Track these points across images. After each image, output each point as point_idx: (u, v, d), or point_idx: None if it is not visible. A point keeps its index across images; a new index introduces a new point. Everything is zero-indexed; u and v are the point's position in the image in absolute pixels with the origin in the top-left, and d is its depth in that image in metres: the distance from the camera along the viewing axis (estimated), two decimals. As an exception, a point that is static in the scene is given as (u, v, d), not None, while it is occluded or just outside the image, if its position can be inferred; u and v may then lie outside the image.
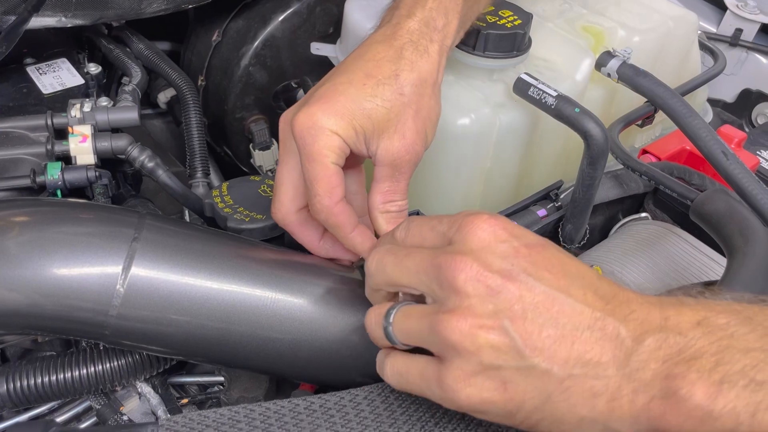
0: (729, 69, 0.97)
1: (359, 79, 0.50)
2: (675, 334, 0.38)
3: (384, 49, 0.52)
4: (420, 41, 0.53)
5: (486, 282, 0.40)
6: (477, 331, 0.39)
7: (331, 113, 0.49)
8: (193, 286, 0.50)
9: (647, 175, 0.67)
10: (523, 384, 0.39)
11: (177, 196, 0.68)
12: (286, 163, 0.53)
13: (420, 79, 0.52)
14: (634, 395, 0.37)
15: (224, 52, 1.01)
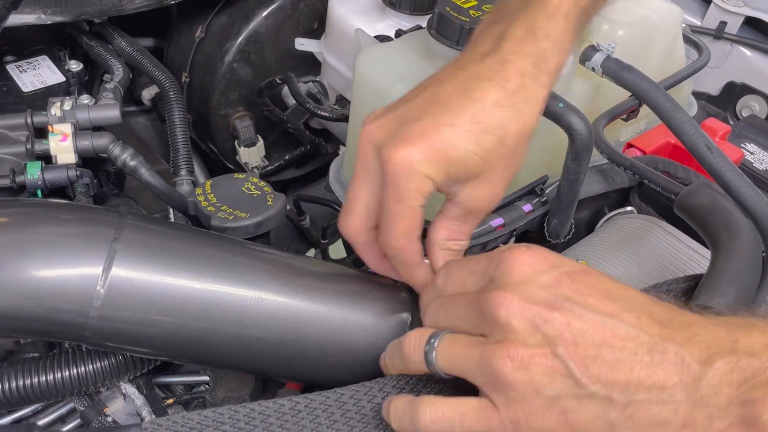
0: (713, 62, 0.98)
1: (464, 124, 0.45)
2: (748, 356, 0.35)
3: (494, 91, 0.46)
4: (531, 86, 0.48)
5: (530, 314, 0.38)
6: (529, 360, 0.37)
7: (431, 158, 0.45)
8: (176, 286, 0.49)
9: (632, 169, 0.67)
10: (585, 413, 0.37)
11: (160, 195, 0.68)
12: (364, 183, 0.48)
13: (523, 131, 0.48)
14: (710, 422, 0.35)
15: (208, 48, 1.00)
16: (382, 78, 0.66)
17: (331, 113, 0.93)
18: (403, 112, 0.48)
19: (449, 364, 0.42)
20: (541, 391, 0.37)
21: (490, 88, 0.46)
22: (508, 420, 0.38)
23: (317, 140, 1.08)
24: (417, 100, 0.48)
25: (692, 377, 0.36)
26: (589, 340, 0.37)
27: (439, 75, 0.50)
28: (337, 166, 0.78)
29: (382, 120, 0.48)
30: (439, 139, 0.45)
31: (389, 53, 0.68)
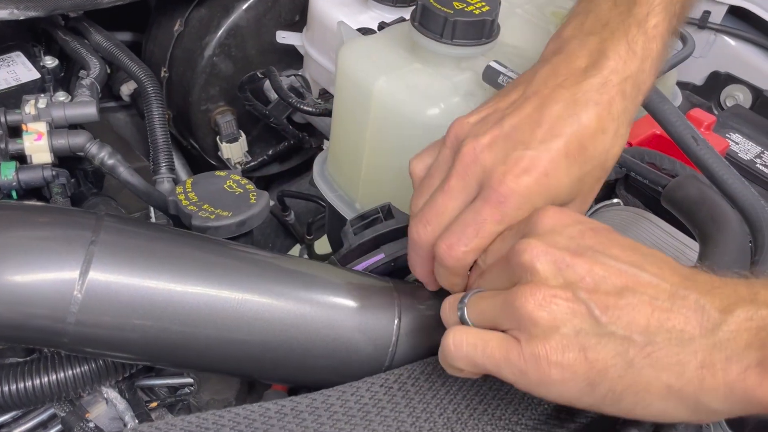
0: (697, 52, 0.97)
1: (573, 152, 0.45)
2: (766, 308, 0.36)
3: (601, 116, 0.46)
4: (630, 108, 0.48)
5: (553, 258, 0.40)
6: (551, 299, 0.39)
7: (543, 189, 0.45)
8: (156, 289, 0.48)
9: (619, 162, 0.67)
10: (604, 350, 0.38)
11: (140, 194, 0.66)
12: (456, 198, 0.47)
13: (621, 150, 0.49)
14: (727, 364, 0.36)
15: (187, 42, 0.98)
16: (366, 72, 0.64)
17: (314, 108, 0.91)
18: (510, 130, 0.46)
19: (479, 315, 0.43)
20: (561, 328, 0.38)
21: (597, 113, 0.46)
22: (528, 353, 0.39)
23: (301, 135, 1.07)
24: (522, 116, 0.46)
25: (712, 323, 0.37)
26: (611, 285, 0.38)
27: (537, 86, 0.48)
28: (321, 162, 0.77)
29: (487, 137, 0.46)
30: (553, 170, 0.45)
31: (372, 46, 0.67)
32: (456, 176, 0.46)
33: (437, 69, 0.63)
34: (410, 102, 0.61)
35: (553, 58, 0.50)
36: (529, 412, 0.48)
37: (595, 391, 0.38)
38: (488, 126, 0.47)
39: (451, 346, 0.42)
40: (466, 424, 0.46)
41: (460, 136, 0.48)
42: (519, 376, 0.40)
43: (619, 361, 0.37)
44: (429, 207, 0.48)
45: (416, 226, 0.48)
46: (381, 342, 0.53)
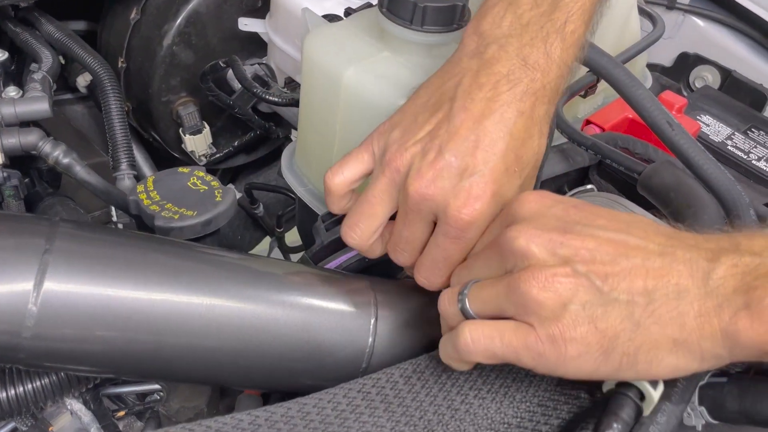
0: (666, 33, 0.96)
1: (512, 165, 0.48)
2: (750, 254, 0.38)
3: (528, 124, 0.48)
4: (551, 110, 0.50)
5: (545, 240, 0.41)
6: (553, 279, 0.40)
7: (494, 206, 0.47)
8: (118, 297, 0.45)
9: (594, 149, 0.66)
10: (611, 317, 0.39)
11: (98, 194, 0.63)
12: (419, 228, 0.49)
13: (545, 147, 0.51)
14: (719, 310, 0.37)
15: (144, 30, 0.94)
16: (334, 60, 0.62)
17: (280, 98, 0.89)
18: (451, 159, 0.47)
19: (482, 305, 0.44)
20: (568, 305, 0.39)
21: (524, 122, 0.48)
22: (544, 336, 0.40)
23: (267, 125, 1.04)
24: (459, 140, 0.47)
25: (702, 272, 0.38)
26: (604, 254, 0.40)
27: (463, 101, 0.48)
28: (290, 155, 0.75)
29: (431, 171, 0.47)
30: (498, 188, 0.47)
31: (339, 34, 0.64)
32: (411, 212, 0.48)
33: (407, 57, 0.61)
34: (381, 92, 0.59)
35: (473, 62, 0.50)
36: (512, 410, 0.47)
37: (610, 359, 0.40)
38: (429, 158, 0.47)
39: (469, 341, 0.43)
40: (448, 426, 0.45)
41: (401, 169, 0.48)
42: (538, 360, 0.41)
43: (627, 324, 0.39)
44: (399, 237, 0.50)
45: (395, 253, 0.51)
46: (357, 343, 0.51)
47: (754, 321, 0.36)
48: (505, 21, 0.50)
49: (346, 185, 0.52)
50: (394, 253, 0.51)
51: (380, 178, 0.49)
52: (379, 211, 0.50)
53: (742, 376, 0.46)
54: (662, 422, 0.42)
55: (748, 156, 0.81)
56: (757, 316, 0.36)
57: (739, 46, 1.01)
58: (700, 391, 0.46)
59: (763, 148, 0.82)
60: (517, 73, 0.48)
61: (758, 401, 0.44)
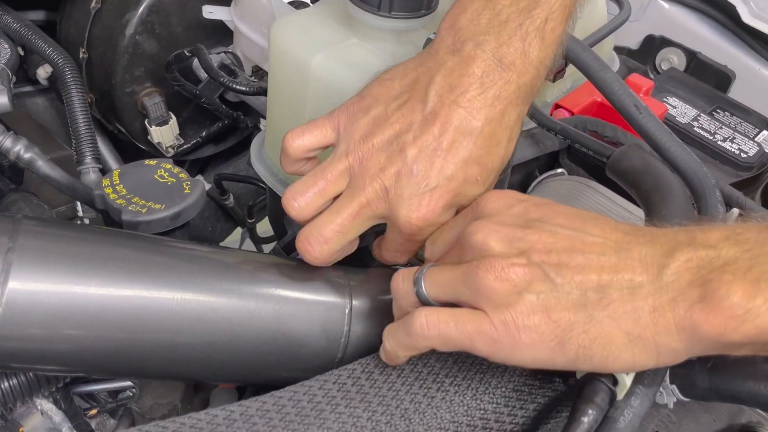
0: (632, 15, 0.97)
1: (473, 173, 0.48)
2: (705, 248, 0.38)
3: (495, 130, 0.48)
4: (523, 111, 0.50)
5: (504, 234, 0.42)
6: (508, 268, 0.40)
7: (449, 213, 0.49)
8: (86, 295, 0.44)
9: (563, 134, 0.66)
10: (565, 309, 0.40)
11: (63, 189, 0.62)
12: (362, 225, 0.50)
13: (513, 149, 0.51)
14: (674, 304, 0.38)
15: (106, 20, 0.92)
16: (301, 48, 0.61)
17: (247, 87, 0.87)
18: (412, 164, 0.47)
19: (438, 288, 0.44)
20: (523, 293, 0.40)
21: (491, 130, 0.48)
22: (498, 321, 0.40)
23: (235, 114, 1.02)
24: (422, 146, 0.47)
25: (656, 269, 0.39)
26: (561, 249, 0.41)
27: (434, 105, 0.48)
28: (259, 144, 0.74)
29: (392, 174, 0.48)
30: (454, 197, 0.48)
31: (306, 21, 0.63)
32: (361, 207, 0.49)
33: (376, 44, 0.61)
34: (350, 80, 0.58)
35: (448, 59, 0.49)
36: (488, 396, 0.47)
37: (565, 350, 0.40)
38: (392, 158, 0.48)
39: (424, 325, 0.43)
40: (424, 414, 0.45)
41: (363, 163, 0.48)
42: (492, 346, 0.41)
43: (580, 316, 0.39)
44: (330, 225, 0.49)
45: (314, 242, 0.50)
46: (332, 332, 0.51)
47: (709, 314, 0.36)
48: (483, 17, 0.49)
49: (303, 151, 0.52)
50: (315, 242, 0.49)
51: (342, 160, 0.49)
52: (330, 190, 0.50)
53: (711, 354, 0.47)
54: (636, 405, 0.42)
55: (714, 137, 0.82)
56: (712, 308, 0.36)
57: (704, 28, 1.02)
58: (671, 370, 0.47)
59: (729, 129, 0.84)
60: (491, 75, 0.48)
61: (727, 378, 0.45)
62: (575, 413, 0.42)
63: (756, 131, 0.84)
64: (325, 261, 0.50)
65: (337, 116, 0.51)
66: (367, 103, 0.50)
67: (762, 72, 0.98)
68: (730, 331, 0.36)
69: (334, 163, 0.49)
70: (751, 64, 0.99)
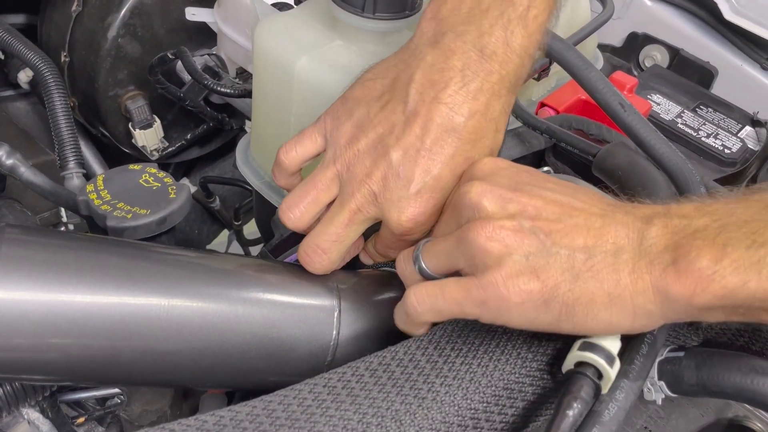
0: (615, 13, 0.98)
1: (460, 167, 0.49)
2: (678, 217, 0.41)
3: (480, 124, 0.48)
4: (510, 101, 0.51)
5: (496, 195, 0.43)
6: (499, 230, 0.42)
7: (439, 212, 0.49)
8: (71, 303, 0.44)
9: (548, 132, 0.66)
10: (552, 269, 0.41)
11: (46, 195, 0.61)
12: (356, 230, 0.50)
13: (501, 141, 0.52)
14: (650, 267, 0.40)
15: (87, 23, 0.91)
16: (286, 50, 0.61)
17: (232, 89, 0.87)
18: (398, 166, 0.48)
19: (435, 260, 0.46)
20: (513, 254, 0.41)
21: (475, 123, 0.48)
22: (486, 282, 0.42)
23: (220, 117, 1.02)
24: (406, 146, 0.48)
25: (637, 233, 0.41)
26: (550, 213, 0.42)
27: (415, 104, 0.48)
28: (244, 147, 0.73)
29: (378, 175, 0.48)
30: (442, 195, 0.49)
31: (290, 23, 0.63)
32: (356, 214, 0.49)
33: (360, 45, 0.61)
34: (335, 82, 0.58)
35: (427, 53, 0.49)
36: (479, 395, 0.47)
37: (550, 308, 0.41)
38: (377, 162, 0.48)
39: (415, 303, 0.45)
40: (415, 415, 0.45)
41: (350, 168, 0.49)
42: (481, 307, 0.43)
43: (567, 276, 0.41)
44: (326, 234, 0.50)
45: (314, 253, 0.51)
46: (321, 336, 0.51)
47: (681, 275, 0.38)
48: (464, 6, 0.49)
49: (298, 163, 0.52)
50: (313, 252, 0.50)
51: (330, 168, 0.50)
52: (323, 198, 0.50)
53: (698, 350, 0.47)
54: (621, 399, 0.43)
55: (697, 133, 0.83)
56: (683, 270, 0.38)
57: (686, 25, 1.03)
58: (659, 366, 0.47)
59: (712, 125, 0.84)
60: (473, 67, 0.47)
61: (714, 373, 0.45)
62: (560, 407, 0.42)
63: (739, 127, 0.85)
64: (328, 270, 0.51)
65: (323, 121, 0.51)
66: (350, 106, 0.50)
67: (744, 68, 0.99)
68: (699, 292, 0.38)
69: (324, 171, 0.50)
70: (733, 61, 1.00)
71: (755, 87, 0.98)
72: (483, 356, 0.49)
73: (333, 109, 0.51)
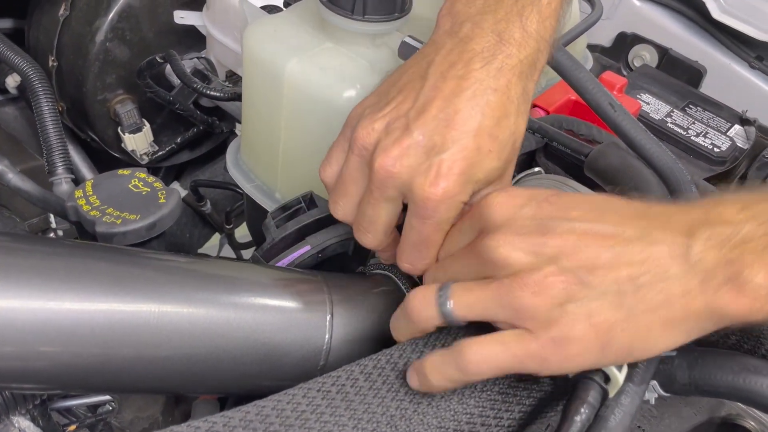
0: (604, 13, 0.98)
1: (485, 144, 0.46)
2: (720, 224, 0.39)
3: (502, 102, 0.47)
4: (529, 87, 0.49)
5: (526, 245, 0.41)
6: (543, 281, 0.39)
7: (465, 185, 0.46)
8: (61, 310, 0.43)
9: (540, 132, 0.67)
10: (604, 310, 0.39)
11: (35, 202, 0.60)
12: (384, 207, 0.48)
13: (525, 127, 0.49)
14: (703, 287, 0.38)
15: (75, 27, 0.90)
16: (275, 53, 0.60)
17: (222, 92, 0.86)
18: (419, 137, 0.46)
19: (467, 309, 0.43)
20: (564, 305, 0.39)
21: (498, 100, 0.46)
22: (546, 340, 0.40)
23: (210, 120, 1.01)
24: (428, 119, 0.46)
25: (681, 250, 0.39)
26: (586, 248, 0.40)
27: (435, 81, 0.47)
28: (235, 150, 0.73)
29: (397, 148, 0.46)
30: (469, 167, 0.46)
31: (280, 26, 0.63)
32: (377, 190, 0.47)
33: (350, 48, 0.60)
34: (325, 85, 0.58)
35: (446, 41, 0.49)
36: (474, 400, 0.47)
37: (608, 351, 0.40)
38: (396, 135, 0.46)
39: (479, 360, 0.41)
40: (411, 420, 0.45)
41: (368, 146, 0.47)
42: (542, 364, 0.41)
43: (619, 314, 0.39)
44: (362, 217, 0.49)
45: (359, 233, 0.51)
46: (314, 340, 0.50)
47: (738, 295, 0.37)
48: None
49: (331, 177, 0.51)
50: (357, 233, 0.50)
51: (350, 156, 0.49)
52: (353, 190, 0.49)
53: (691, 349, 0.47)
54: (626, 403, 0.43)
55: (687, 132, 0.83)
56: (738, 290, 0.37)
57: (675, 25, 1.03)
58: (651, 367, 0.47)
59: (701, 124, 0.85)
60: (491, 50, 0.47)
61: (706, 372, 0.45)
62: (568, 412, 0.42)
63: (728, 126, 0.86)
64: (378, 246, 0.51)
65: (346, 126, 0.51)
66: (369, 100, 0.50)
67: (732, 67, 0.99)
68: (755, 312, 0.37)
69: (346, 163, 0.49)
70: (722, 60, 1.01)
71: (743, 86, 0.99)
72: (478, 359, 0.48)
73: (352, 110, 0.51)
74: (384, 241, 0.50)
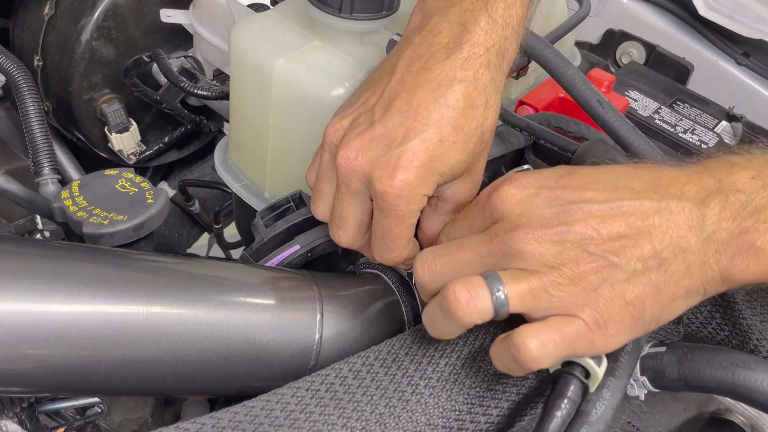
0: (592, 10, 0.98)
1: (449, 136, 0.46)
2: (734, 192, 0.41)
3: (468, 93, 0.46)
4: (497, 77, 0.48)
5: (551, 236, 0.41)
6: (576, 269, 0.40)
7: (426, 177, 0.46)
8: (48, 312, 0.43)
9: (528, 130, 0.67)
10: (636, 288, 0.41)
11: (20, 203, 0.60)
12: (351, 203, 0.49)
13: (495, 120, 0.49)
14: (719, 256, 0.40)
15: (60, 26, 0.89)
16: (263, 52, 0.60)
17: (209, 91, 0.86)
18: (381, 130, 0.46)
19: (519, 299, 0.42)
20: (599, 289, 0.41)
21: (463, 91, 0.46)
22: (592, 323, 0.41)
23: (198, 119, 1.01)
24: (392, 112, 0.46)
25: (696, 221, 0.41)
26: (608, 229, 0.41)
27: (401, 74, 0.48)
28: (223, 150, 0.73)
29: (359, 142, 0.46)
30: (430, 159, 0.46)
31: (267, 24, 0.62)
32: (342, 185, 0.48)
33: (338, 46, 0.60)
34: (313, 83, 0.58)
35: (415, 36, 0.49)
36: (462, 396, 0.47)
37: (640, 324, 0.42)
38: (360, 129, 0.47)
39: (538, 348, 0.41)
40: (400, 418, 0.45)
41: (335, 142, 0.48)
42: (589, 346, 0.42)
43: (649, 290, 0.41)
44: (334, 214, 0.50)
45: (332, 231, 0.51)
46: (304, 340, 0.50)
47: (751, 262, 0.40)
48: None
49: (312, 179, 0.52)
50: (331, 231, 0.51)
51: (323, 155, 0.49)
52: (327, 189, 0.50)
53: (680, 345, 0.48)
54: (607, 397, 0.43)
55: (675, 129, 0.84)
56: (752, 257, 0.40)
57: (662, 22, 1.04)
58: (641, 362, 0.47)
59: (689, 121, 0.85)
60: (457, 40, 0.47)
61: (695, 367, 0.46)
62: (549, 408, 0.42)
63: (715, 122, 0.86)
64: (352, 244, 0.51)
65: None
66: (346, 101, 0.51)
67: (719, 63, 1.00)
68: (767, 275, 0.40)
69: (320, 162, 0.50)
70: (709, 56, 1.01)
71: (730, 82, 1.00)
72: (467, 356, 0.48)
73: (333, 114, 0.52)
74: (357, 238, 0.50)
